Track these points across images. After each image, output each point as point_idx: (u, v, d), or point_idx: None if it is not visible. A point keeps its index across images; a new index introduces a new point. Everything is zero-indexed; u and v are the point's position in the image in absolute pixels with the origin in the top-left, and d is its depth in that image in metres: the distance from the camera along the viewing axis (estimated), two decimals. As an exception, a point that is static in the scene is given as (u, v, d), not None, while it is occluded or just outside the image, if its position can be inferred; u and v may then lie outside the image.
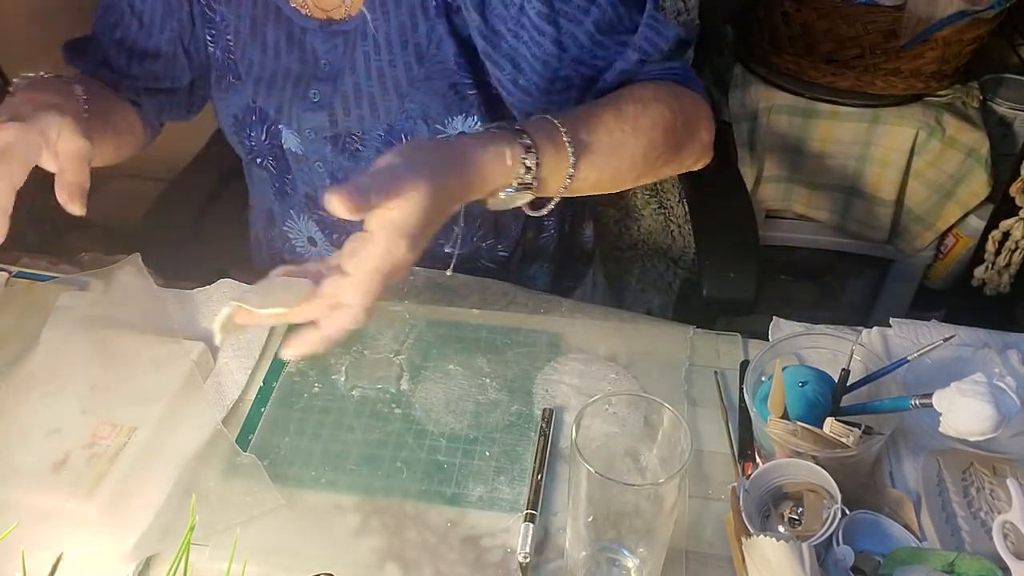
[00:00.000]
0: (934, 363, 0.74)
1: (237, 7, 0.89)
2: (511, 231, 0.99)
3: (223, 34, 0.91)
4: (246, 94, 0.91)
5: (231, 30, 0.90)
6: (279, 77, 0.89)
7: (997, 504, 0.63)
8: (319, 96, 0.88)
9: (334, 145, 0.90)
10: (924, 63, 1.37)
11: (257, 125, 0.92)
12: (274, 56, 0.89)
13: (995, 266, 1.49)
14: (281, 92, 0.89)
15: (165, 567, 0.63)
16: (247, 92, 0.91)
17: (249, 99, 0.91)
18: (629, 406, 0.59)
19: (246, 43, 0.89)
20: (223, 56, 0.92)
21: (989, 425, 0.58)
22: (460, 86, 0.84)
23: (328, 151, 0.91)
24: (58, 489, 0.64)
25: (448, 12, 0.82)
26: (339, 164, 0.92)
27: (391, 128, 0.87)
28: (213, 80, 0.95)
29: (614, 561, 0.60)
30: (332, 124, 0.89)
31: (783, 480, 0.63)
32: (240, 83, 0.91)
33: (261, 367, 0.80)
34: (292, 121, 0.90)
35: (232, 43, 0.90)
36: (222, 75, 0.93)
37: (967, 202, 1.45)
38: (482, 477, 0.69)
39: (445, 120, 0.86)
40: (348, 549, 0.64)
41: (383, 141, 0.88)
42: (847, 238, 1.59)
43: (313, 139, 0.90)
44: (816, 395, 0.66)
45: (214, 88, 0.95)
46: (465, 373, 0.78)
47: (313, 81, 0.88)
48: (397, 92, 0.85)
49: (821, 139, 1.48)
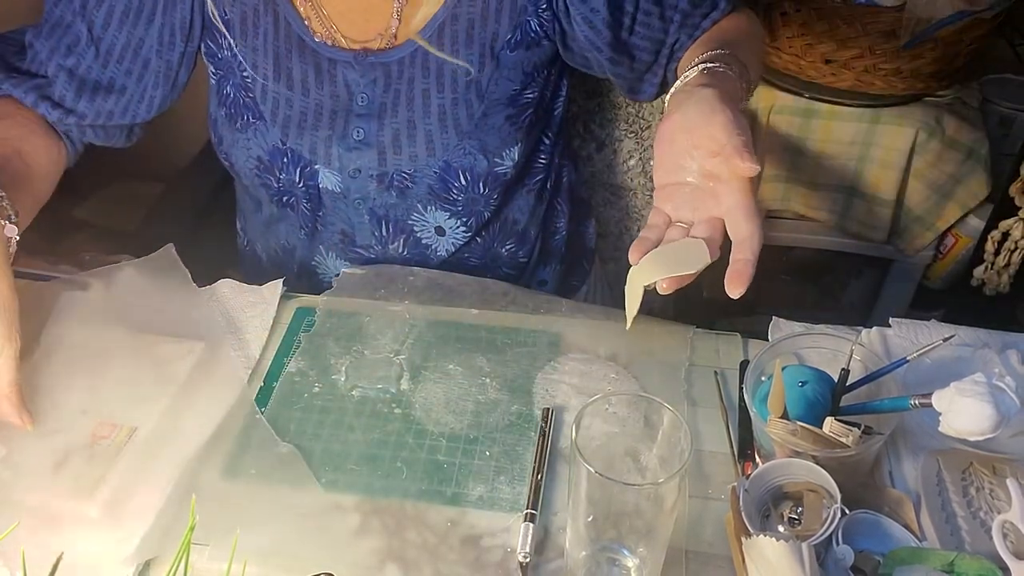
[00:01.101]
0: (934, 363, 0.74)
1: (254, 41, 0.84)
2: (530, 236, 0.99)
3: (236, 71, 0.85)
4: (272, 136, 0.86)
5: (247, 66, 0.84)
6: (310, 115, 0.85)
7: (997, 504, 0.63)
8: (363, 134, 0.85)
9: (380, 183, 0.87)
10: (924, 63, 1.37)
11: (289, 167, 0.87)
12: (302, 92, 0.84)
13: (994, 266, 1.49)
14: (315, 132, 0.85)
15: (165, 567, 0.63)
16: (274, 134, 0.86)
17: (277, 141, 0.86)
18: (629, 406, 0.59)
19: (267, 80, 0.84)
20: (236, 94, 0.86)
21: (989, 425, 0.58)
22: (513, 117, 0.86)
23: (372, 188, 0.88)
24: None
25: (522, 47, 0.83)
26: (383, 200, 0.89)
27: (448, 165, 0.86)
28: (222, 118, 0.89)
29: (614, 561, 0.60)
30: (381, 163, 0.86)
31: (783, 480, 0.63)
32: (263, 123, 0.86)
33: (261, 367, 0.80)
34: (332, 161, 0.86)
35: (250, 80, 0.85)
36: (236, 114, 0.87)
37: (967, 202, 1.45)
38: (482, 477, 0.69)
39: (503, 153, 0.86)
40: (348, 549, 0.64)
41: (437, 178, 0.86)
42: (847, 238, 1.59)
43: (356, 177, 0.87)
44: (816, 395, 0.66)
45: (223, 127, 0.89)
46: (465, 373, 0.78)
47: (354, 118, 0.85)
48: (457, 131, 0.84)
49: (821, 139, 1.48)
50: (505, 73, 0.85)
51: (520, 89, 0.86)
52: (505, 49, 0.84)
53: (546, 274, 1.05)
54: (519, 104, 0.87)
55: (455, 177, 0.87)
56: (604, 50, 0.84)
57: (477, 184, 0.88)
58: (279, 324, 0.84)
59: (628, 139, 1.13)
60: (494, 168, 0.87)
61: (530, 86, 0.87)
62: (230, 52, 0.85)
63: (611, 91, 1.10)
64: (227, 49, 0.85)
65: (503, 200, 0.93)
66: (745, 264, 0.62)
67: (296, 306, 0.86)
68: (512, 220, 0.97)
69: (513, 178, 0.91)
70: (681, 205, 0.68)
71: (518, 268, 1.00)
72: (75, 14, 0.82)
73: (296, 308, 0.86)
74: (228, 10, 0.84)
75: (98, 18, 0.82)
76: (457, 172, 0.86)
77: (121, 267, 0.88)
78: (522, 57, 0.85)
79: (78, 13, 0.82)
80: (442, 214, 0.90)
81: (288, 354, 0.81)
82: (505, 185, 0.90)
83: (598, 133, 1.13)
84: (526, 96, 0.87)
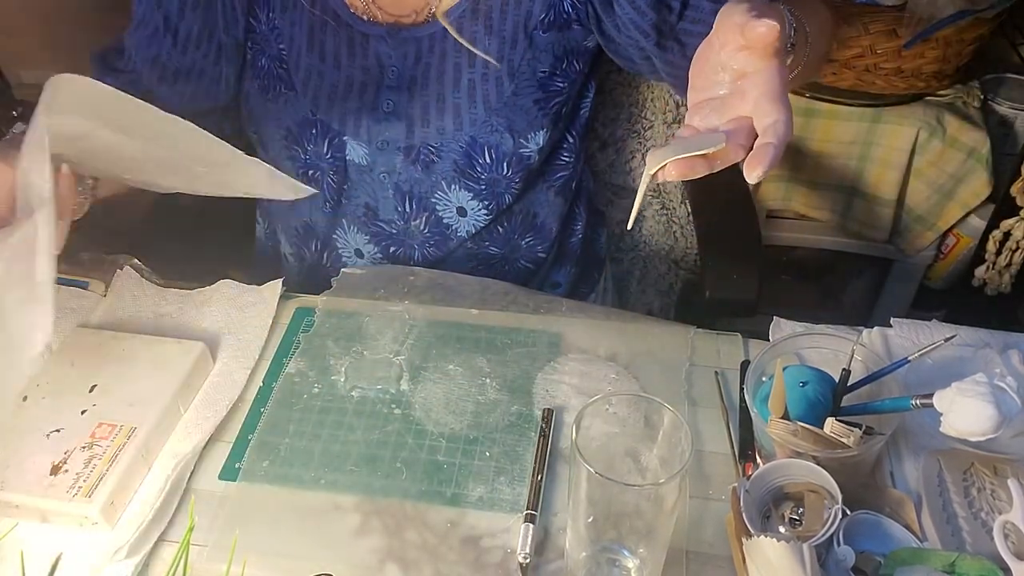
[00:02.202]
0: (935, 363, 0.74)
1: (291, 15, 0.86)
2: (550, 229, 1.00)
3: (273, 43, 0.87)
4: (303, 106, 0.88)
5: (283, 39, 0.87)
6: (341, 87, 0.87)
7: (998, 504, 0.63)
8: (393, 106, 0.86)
9: (406, 156, 0.88)
10: (925, 63, 1.37)
11: (318, 138, 0.89)
12: (334, 65, 0.86)
13: (996, 266, 1.48)
14: (344, 103, 0.87)
15: (165, 567, 0.63)
16: (304, 104, 0.87)
17: (307, 111, 0.88)
18: (629, 406, 0.59)
19: (301, 52, 0.86)
20: (270, 66, 0.88)
21: (990, 425, 0.58)
22: (542, 102, 0.87)
23: (399, 162, 0.89)
24: (58, 489, 0.64)
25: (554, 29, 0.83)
26: (408, 175, 0.90)
27: (474, 140, 0.87)
28: (254, 90, 0.90)
29: (614, 561, 0.60)
30: (408, 135, 0.87)
31: (784, 480, 0.63)
32: (295, 94, 0.87)
33: (261, 367, 0.80)
34: (360, 132, 0.88)
35: (285, 52, 0.87)
36: (269, 85, 0.89)
37: (968, 202, 1.45)
38: (482, 477, 0.69)
39: (528, 135, 0.87)
40: (348, 549, 0.64)
41: (463, 153, 0.88)
42: (848, 238, 1.59)
43: (384, 150, 0.88)
44: (817, 395, 0.65)
45: (255, 99, 0.91)
46: (465, 373, 0.78)
47: (384, 90, 0.86)
48: (486, 106, 0.85)
49: (821, 139, 1.48)
50: (537, 54, 0.86)
51: (549, 73, 0.87)
52: (538, 29, 0.85)
53: (560, 276, 1.06)
54: (548, 90, 0.87)
55: (480, 153, 0.87)
56: (651, 34, 0.81)
57: (501, 164, 0.88)
58: (279, 324, 0.84)
59: (631, 139, 1.13)
60: (519, 149, 0.88)
61: (560, 72, 0.88)
62: (268, 26, 0.88)
63: (613, 89, 1.10)
64: (265, 24, 0.88)
65: (525, 189, 0.94)
66: (767, 147, 0.58)
67: (295, 306, 0.86)
68: (533, 214, 0.97)
69: (536, 167, 0.92)
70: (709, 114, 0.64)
71: (536, 263, 1.01)
72: (153, 8, 0.86)
73: (295, 308, 0.86)
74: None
75: (173, 7, 0.85)
76: (483, 148, 0.87)
77: (121, 267, 0.88)
78: (554, 39, 0.86)
79: (155, 6, 0.86)
80: (465, 194, 0.91)
81: (288, 354, 0.81)
82: (528, 171, 0.91)
83: (600, 132, 1.13)
84: (556, 83, 0.88)
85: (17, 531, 0.65)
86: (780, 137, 0.59)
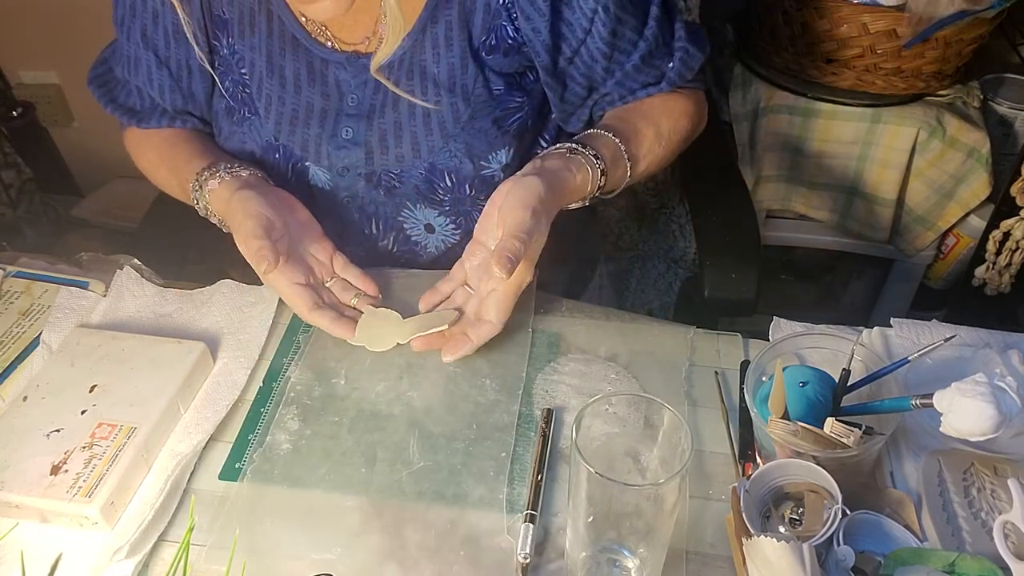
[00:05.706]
0: (935, 363, 0.74)
1: (250, 40, 0.86)
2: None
3: (235, 68, 0.88)
4: (266, 131, 0.88)
5: (244, 63, 0.87)
6: (301, 112, 0.87)
7: (998, 504, 0.63)
8: (352, 133, 0.86)
9: (368, 181, 0.89)
10: (925, 63, 1.37)
11: (281, 163, 0.89)
12: (294, 91, 0.86)
13: (996, 266, 1.48)
14: (305, 129, 0.87)
15: (165, 567, 0.63)
16: (267, 129, 0.88)
17: (271, 136, 0.88)
18: (629, 406, 0.59)
19: (262, 77, 0.86)
20: (235, 89, 0.89)
21: (990, 425, 0.58)
22: (500, 120, 0.86)
23: (361, 187, 0.89)
24: (58, 489, 0.64)
25: (499, 52, 0.84)
26: (371, 198, 0.90)
27: (432, 166, 0.87)
28: (222, 110, 0.91)
29: (614, 562, 0.60)
30: (368, 162, 0.87)
31: (784, 480, 0.63)
32: (258, 118, 0.88)
33: (261, 367, 0.80)
34: (321, 158, 0.88)
35: (247, 77, 0.87)
36: (234, 108, 0.90)
37: (968, 202, 1.45)
38: (482, 477, 0.69)
39: (489, 156, 0.87)
40: (348, 549, 0.64)
41: (423, 179, 0.88)
42: (847, 238, 1.59)
43: (345, 175, 0.88)
44: (817, 395, 0.65)
45: (222, 119, 0.91)
46: (465, 373, 0.78)
47: (344, 117, 0.86)
48: (442, 133, 0.85)
49: (821, 139, 1.48)
50: (489, 74, 0.85)
51: (505, 88, 0.86)
52: (482, 51, 0.84)
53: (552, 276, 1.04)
54: (506, 107, 0.87)
55: (440, 178, 0.87)
56: (541, 72, 0.85)
57: (463, 186, 0.88)
58: (279, 324, 0.84)
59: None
60: (480, 171, 0.87)
61: (516, 86, 0.87)
62: (229, 50, 0.87)
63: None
64: (226, 48, 0.87)
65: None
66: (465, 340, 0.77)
67: (296, 306, 0.86)
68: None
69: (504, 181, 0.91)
70: (473, 270, 0.80)
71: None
72: (139, 47, 0.88)
73: (296, 308, 0.86)
74: (226, 10, 0.86)
75: (159, 41, 0.88)
76: (443, 173, 0.87)
77: (120, 267, 0.88)
78: (501, 62, 0.85)
79: (140, 44, 0.88)
80: (431, 212, 0.91)
81: (288, 354, 0.81)
82: (494, 188, 0.90)
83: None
84: (514, 99, 0.87)
85: (17, 531, 0.65)
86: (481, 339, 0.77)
